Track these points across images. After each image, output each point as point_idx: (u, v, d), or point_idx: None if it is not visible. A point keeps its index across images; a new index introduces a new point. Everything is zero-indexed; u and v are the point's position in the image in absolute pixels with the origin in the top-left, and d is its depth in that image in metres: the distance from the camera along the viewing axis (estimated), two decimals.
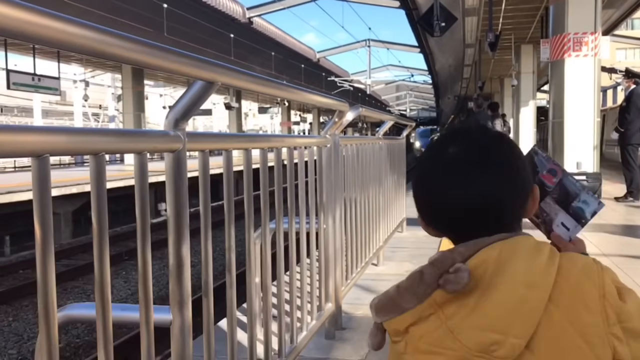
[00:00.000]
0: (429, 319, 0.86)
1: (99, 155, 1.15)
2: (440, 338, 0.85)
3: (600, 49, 9.95)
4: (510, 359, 0.82)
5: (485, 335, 0.82)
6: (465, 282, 0.83)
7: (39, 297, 1.02)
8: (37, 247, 1.01)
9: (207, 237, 1.61)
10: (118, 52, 1.09)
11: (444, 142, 1.00)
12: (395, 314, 0.88)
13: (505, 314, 0.82)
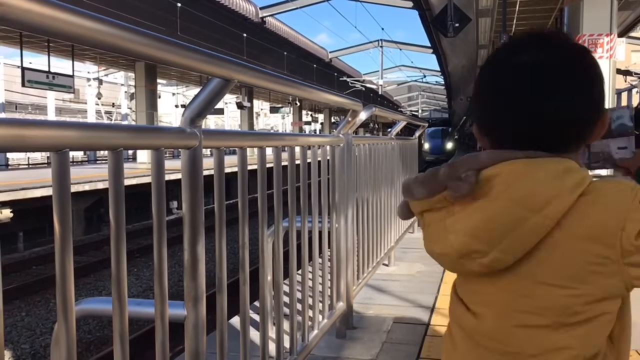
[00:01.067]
0: (441, 210, 0.92)
1: (117, 151, 1.16)
2: (439, 231, 0.92)
3: (615, 51, 9.88)
4: (495, 269, 0.87)
5: (469, 242, 0.87)
6: (463, 192, 0.86)
7: (57, 290, 1.04)
8: (55, 240, 1.02)
9: (222, 234, 1.62)
10: (137, 48, 1.10)
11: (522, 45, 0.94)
12: (411, 198, 0.96)
13: (494, 228, 0.85)
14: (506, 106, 0.91)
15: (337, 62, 33.29)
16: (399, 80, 42.62)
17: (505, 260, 0.86)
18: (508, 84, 0.91)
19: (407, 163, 5.46)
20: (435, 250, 0.94)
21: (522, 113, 0.89)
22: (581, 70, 0.91)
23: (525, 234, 0.84)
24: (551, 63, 0.90)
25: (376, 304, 3.71)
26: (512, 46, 0.97)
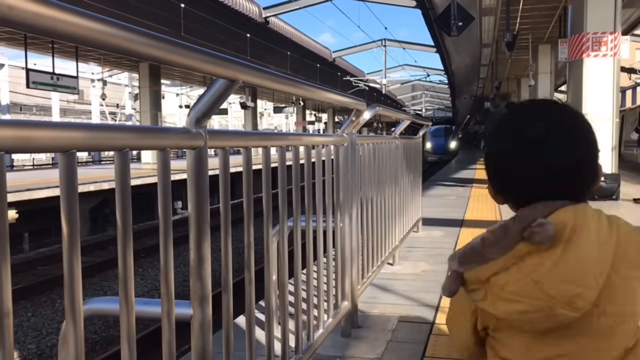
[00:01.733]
0: (510, 270, 0.93)
1: (124, 152, 1.17)
2: (525, 287, 0.92)
3: (619, 48, 9.85)
4: (585, 309, 0.92)
5: (570, 287, 0.90)
6: (551, 234, 0.91)
7: (65, 289, 1.05)
8: (63, 240, 1.03)
9: (227, 233, 1.63)
10: (141, 49, 1.11)
11: (524, 116, 1.07)
12: (478, 263, 0.96)
13: (585, 268, 0.91)
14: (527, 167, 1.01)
15: (340, 61, 33.30)
16: (402, 79, 42.62)
17: (593, 296, 0.91)
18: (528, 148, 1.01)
19: (411, 162, 5.46)
20: (521, 309, 0.93)
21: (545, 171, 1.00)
22: (585, 129, 1.05)
23: (602, 267, 0.92)
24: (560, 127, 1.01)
25: (381, 303, 3.71)
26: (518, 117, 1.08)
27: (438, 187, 12.33)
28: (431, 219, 6.92)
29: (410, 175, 5.34)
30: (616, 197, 8.91)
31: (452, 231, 6.35)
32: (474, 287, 0.98)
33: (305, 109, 40.64)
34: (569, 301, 0.90)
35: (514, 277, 0.93)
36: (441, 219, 7.23)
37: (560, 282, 0.90)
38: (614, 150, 9.94)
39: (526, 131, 1.01)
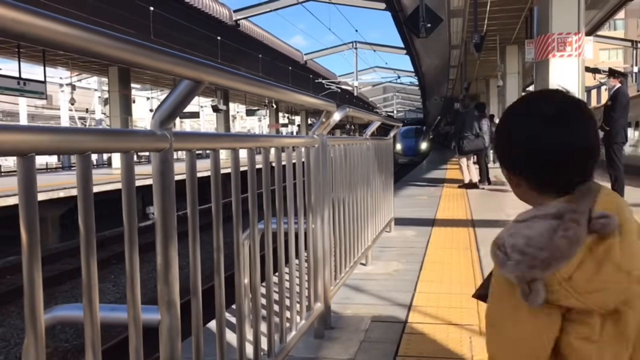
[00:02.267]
0: (585, 263, 0.96)
1: (86, 155, 1.15)
2: (608, 275, 0.95)
3: (583, 49, 10.06)
4: None
5: (638, 265, 0.96)
6: (617, 224, 0.96)
7: (25, 296, 1.02)
8: (22, 246, 1.00)
9: (195, 237, 1.61)
10: (104, 51, 1.09)
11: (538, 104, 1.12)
12: (565, 263, 0.96)
13: (637, 247, 0.98)
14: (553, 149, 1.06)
15: (312, 64, 33.35)
16: (373, 81, 42.87)
17: None
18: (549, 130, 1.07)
19: (383, 163, 5.49)
20: (612, 294, 0.96)
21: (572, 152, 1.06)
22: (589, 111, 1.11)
23: None
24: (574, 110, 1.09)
25: (354, 303, 3.72)
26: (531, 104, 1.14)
27: (410, 187, 12.42)
28: (403, 218, 6.96)
29: (381, 176, 5.37)
30: None
31: (424, 230, 6.40)
32: (555, 289, 0.97)
33: (278, 111, 40.57)
34: (638, 278, 0.96)
35: (592, 269, 0.95)
36: (413, 219, 7.28)
37: (632, 261, 0.96)
38: None
39: (554, 116, 1.07)
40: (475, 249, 5.33)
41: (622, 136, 8.71)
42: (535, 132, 1.08)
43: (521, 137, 1.10)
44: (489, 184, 11.77)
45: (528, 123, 1.10)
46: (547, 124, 1.07)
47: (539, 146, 1.07)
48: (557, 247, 0.96)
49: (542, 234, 0.98)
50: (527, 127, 1.10)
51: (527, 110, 1.13)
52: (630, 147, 16.32)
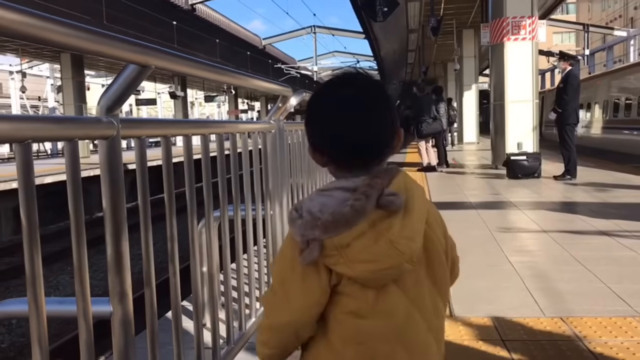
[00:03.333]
0: (366, 234, 1.01)
1: (26, 143, 1.10)
2: (382, 249, 1.01)
3: (537, 32, 10.25)
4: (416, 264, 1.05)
5: (412, 244, 1.02)
6: (402, 203, 1.03)
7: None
8: None
9: (147, 227, 1.57)
10: (46, 35, 1.05)
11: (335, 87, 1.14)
12: (346, 230, 1.01)
13: (418, 227, 1.04)
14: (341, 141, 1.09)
15: (271, 49, 33.09)
16: (333, 66, 42.80)
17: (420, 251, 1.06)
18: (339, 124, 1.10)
19: None
20: (380, 267, 1.01)
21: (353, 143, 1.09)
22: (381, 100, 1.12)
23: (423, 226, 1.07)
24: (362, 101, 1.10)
25: None
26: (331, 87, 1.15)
27: None
28: None
29: None
30: (538, 175, 9.30)
31: None
32: (331, 253, 1.02)
33: (237, 97, 40.16)
34: (410, 256, 1.02)
35: (370, 241, 1.01)
36: None
37: (407, 239, 1.01)
38: (534, 130, 10.37)
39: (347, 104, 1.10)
40: None
41: (573, 118, 8.93)
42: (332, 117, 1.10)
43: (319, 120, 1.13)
44: (447, 166, 11.93)
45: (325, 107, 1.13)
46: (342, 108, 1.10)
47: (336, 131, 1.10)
48: (342, 214, 1.02)
49: (335, 202, 1.04)
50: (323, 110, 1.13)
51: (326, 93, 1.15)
52: (582, 128, 16.79)
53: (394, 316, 1.05)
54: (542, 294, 3.37)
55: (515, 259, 4.19)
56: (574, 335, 2.74)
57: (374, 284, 1.04)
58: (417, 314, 1.07)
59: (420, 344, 1.08)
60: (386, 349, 1.06)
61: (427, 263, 1.09)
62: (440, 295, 1.12)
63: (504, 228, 5.42)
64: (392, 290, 1.05)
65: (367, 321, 1.05)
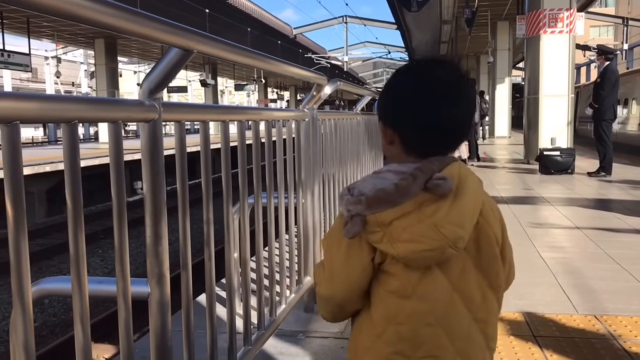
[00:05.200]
0: (410, 215, 1.03)
1: (72, 124, 1.12)
2: (426, 230, 1.02)
3: (575, 25, 10.03)
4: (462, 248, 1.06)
5: (458, 230, 1.03)
6: (451, 187, 1.04)
7: (12, 268, 1.00)
8: (8, 215, 0.98)
9: (185, 209, 1.58)
10: (91, 15, 1.06)
11: (428, 72, 1.15)
12: (389, 207, 1.03)
13: (468, 215, 1.05)
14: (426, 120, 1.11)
15: (301, 38, 33.04)
16: (364, 56, 42.58)
17: (467, 239, 1.06)
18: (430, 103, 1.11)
19: (373, 138, 5.46)
20: (419, 248, 1.03)
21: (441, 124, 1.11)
22: (469, 89, 1.14)
23: (475, 214, 1.07)
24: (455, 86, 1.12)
25: None
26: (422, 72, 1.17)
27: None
28: None
29: (371, 152, 5.35)
30: (571, 171, 9.13)
31: None
32: (374, 230, 1.05)
33: (267, 86, 40.27)
34: (455, 241, 1.02)
35: (414, 221, 1.03)
36: None
37: (452, 225, 1.02)
38: (569, 126, 10.17)
39: (434, 87, 1.11)
40: None
41: (610, 113, 8.73)
42: (421, 102, 1.11)
43: (406, 101, 1.13)
44: (478, 160, 11.80)
45: (415, 90, 1.13)
46: (433, 97, 1.11)
47: (419, 115, 1.11)
48: (385, 191, 1.04)
49: (385, 182, 1.06)
50: (413, 93, 1.13)
51: (418, 76, 1.15)
52: (618, 125, 16.40)
53: (436, 300, 1.07)
54: (575, 291, 3.32)
55: (548, 255, 4.13)
56: (609, 333, 2.69)
57: (416, 264, 1.05)
58: (461, 303, 1.08)
59: (462, 332, 1.08)
60: (427, 331, 1.07)
61: (477, 254, 1.09)
62: (492, 289, 1.12)
63: (536, 223, 5.35)
64: (437, 274, 1.07)
65: (409, 302, 1.06)
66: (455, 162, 1.10)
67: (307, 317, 3.01)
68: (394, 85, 1.16)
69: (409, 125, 1.12)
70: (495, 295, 1.13)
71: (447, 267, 1.07)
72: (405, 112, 1.12)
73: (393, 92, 1.16)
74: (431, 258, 1.04)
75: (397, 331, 1.07)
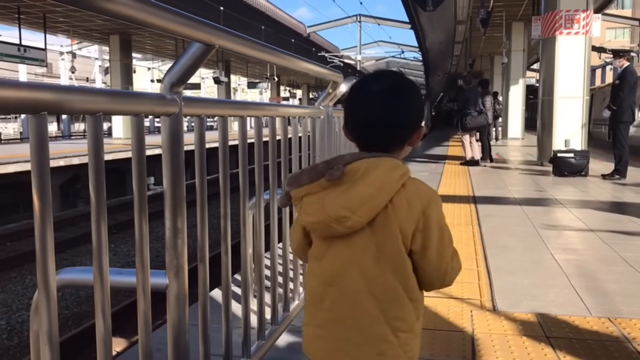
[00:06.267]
0: (315, 194, 1.28)
1: (97, 116, 1.13)
2: (316, 207, 1.27)
3: (591, 27, 9.95)
4: (355, 228, 1.26)
5: (340, 210, 1.25)
6: (336, 177, 1.24)
7: (37, 254, 1.01)
8: (34, 202, 0.99)
9: (204, 203, 1.60)
10: (114, 8, 1.07)
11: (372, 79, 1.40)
12: (296, 187, 1.30)
13: (357, 201, 1.24)
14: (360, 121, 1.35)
15: (315, 37, 33.03)
16: (377, 55, 42.46)
17: (361, 222, 1.25)
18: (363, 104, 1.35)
19: None
20: (312, 220, 1.29)
21: (368, 124, 1.33)
22: (404, 94, 1.35)
23: (374, 205, 1.25)
24: (388, 90, 1.34)
25: None
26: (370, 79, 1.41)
27: (411, 163, 12.40)
28: None
29: None
30: (585, 173, 9.07)
31: None
32: (296, 203, 1.33)
33: (279, 84, 40.31)
34: (336, 220, 1.25)
35: (315, 199, 1.28)
36: None
37: (336, 206, 1.25)
38: (583, 128, 10.10)
39: (364, 90, 1.36)
40: (477, 224, 5.33)
41: (629, 115, 8.66)
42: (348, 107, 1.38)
43: (345, 106, 1.40)
44: (490, 161, 11.74)
45: (348, 97, 1.39)
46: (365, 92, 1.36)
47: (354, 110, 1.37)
48: (293, 175, 1.32)
49: None
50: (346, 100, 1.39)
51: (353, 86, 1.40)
52: (633, 128, 16.27)
53: (335, 266, 1.32)
54: (588, 293, 3.30)
55: (561, 257, 4.11)
56: (622, 336, 2.67)
57: (318, 234, 1.33)
58: (357, 273, 1.30)
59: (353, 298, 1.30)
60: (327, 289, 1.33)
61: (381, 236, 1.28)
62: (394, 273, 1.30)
63: (549, 225, 5.32)
64: (340, 246, 1.31)
65: (318, 263, 1.35)
66: (369, 158, 1.29)
67: None
68: None
69: (347, 124, 1.38)
70: (397, 279, 1.30)
71: (351, 241, 1.29)
72: (346, 114, 1.39)
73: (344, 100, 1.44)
74: (321, 230, 1.30)
75: (311, 285, 1.36)
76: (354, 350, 1.30)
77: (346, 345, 1.31)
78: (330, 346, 1.33)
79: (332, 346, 1.32)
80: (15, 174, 11.57)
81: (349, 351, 1.30)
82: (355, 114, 1.35)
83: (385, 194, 1.25)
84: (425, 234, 1.29)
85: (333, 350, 1.32)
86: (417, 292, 1.33)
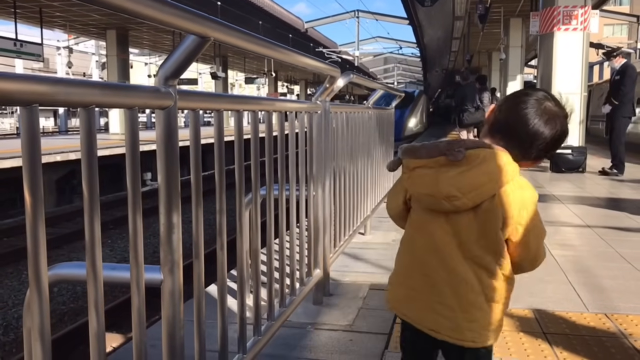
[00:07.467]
0: (430, 169, 1.41)
1: (90, 109, 1.11)
2: (430, 180, 1.40)
3: (589, 22, 9.93)
4: (461, 209, 1.39)
5: (452, 189, 1.37)
6: (459, 159, 1.38)
7: (28, 252, 1.00)
8: (25, 196, 0.98)
9: (199, 199, 1.59)
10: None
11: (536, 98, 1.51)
12: (411, 158, 1.45)
13: (469, 185, 1.37)
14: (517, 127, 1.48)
15: (313, 32, 32.94)
16: (375, 51, 42.41)
17: (467, 204, 1.38)
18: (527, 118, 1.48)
19: (384, 132, 5.45)
20: (423, 191, 1.43)
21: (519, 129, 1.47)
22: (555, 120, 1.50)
23: (483, 191, 1.38)
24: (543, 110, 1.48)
25: (352, 271, 3.72)
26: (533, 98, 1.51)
27: None
28: None
29: (382, 146, 5.33)
30: (582, 169, 9.07)
31: None
32: (405, 172, 1.47)
33: (277, 80, 40.22)
34: (447, 197, 1.37)
35: (429, 173, 1.41)
36: None
37: (449, 185, 1.37)
38: (581, 124, 10.10)
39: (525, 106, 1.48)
40: None
41: (629, 110, 8.67)
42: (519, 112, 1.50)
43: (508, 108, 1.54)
44: None
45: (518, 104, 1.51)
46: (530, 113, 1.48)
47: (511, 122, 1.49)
48: (413, 146, 1.46)
49: None
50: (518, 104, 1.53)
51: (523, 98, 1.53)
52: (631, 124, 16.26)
53: (436, 237, 1.45)
54: (585, 289, 3.30)
55: (558, 253, 4.10)
56: (619, 332, 2.67)
57: (424, 205, 1.46)
58: (456, 248, 1.43)
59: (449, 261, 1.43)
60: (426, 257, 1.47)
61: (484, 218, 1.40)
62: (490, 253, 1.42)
63: (546, 221, 5.28)
64: (442, 221, 1.44)
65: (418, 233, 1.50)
66: (487, 149, 1.41)
67: (316, 310, 3.02)
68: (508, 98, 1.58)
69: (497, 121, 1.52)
70: (494, 259, 1.42)
71: (454, 219, 1.42)
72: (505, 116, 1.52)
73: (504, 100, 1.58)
74: (429, 202, 1.43)
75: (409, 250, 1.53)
76: (448, 313, 1.42)
77: (441, 309, 1.43)
78: (424, 307, 1.46)
79: (426, 307, 1.46)
80: (12, 169, 11.52)
81: (443, 314, 1.43)
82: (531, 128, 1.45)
83: (496, 184, 1.37)
84: (523, 226, 1.42)
85: (427, 311, 1.46)
86: (510, 272, 1.46)
